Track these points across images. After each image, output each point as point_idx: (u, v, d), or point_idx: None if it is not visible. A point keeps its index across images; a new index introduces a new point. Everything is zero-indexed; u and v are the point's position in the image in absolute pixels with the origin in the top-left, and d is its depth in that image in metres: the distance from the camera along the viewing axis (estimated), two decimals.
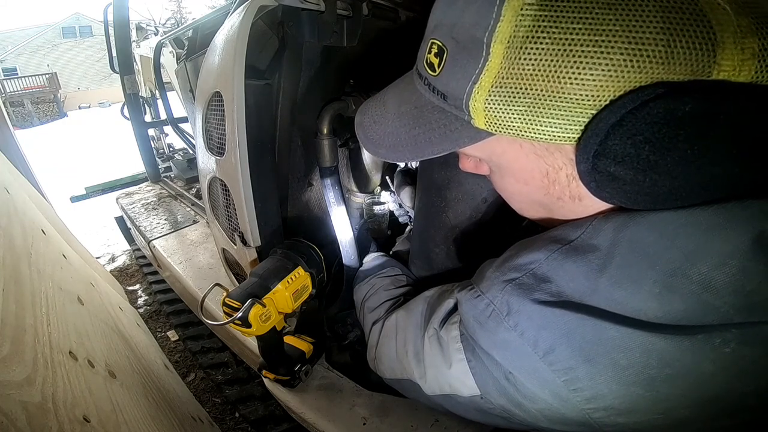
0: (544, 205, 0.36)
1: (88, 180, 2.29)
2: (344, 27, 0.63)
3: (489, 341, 0.34)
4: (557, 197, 0.34)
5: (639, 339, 0.27)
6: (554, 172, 0.32)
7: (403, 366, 0.47)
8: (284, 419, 1.01)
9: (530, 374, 0.31)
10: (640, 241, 0.28)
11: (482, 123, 0.30)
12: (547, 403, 0.31)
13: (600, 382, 0.28)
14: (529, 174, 0.33)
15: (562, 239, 0.32)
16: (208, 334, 1.37)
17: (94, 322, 0.74)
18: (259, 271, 0.61)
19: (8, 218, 0.67)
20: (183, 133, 1.96)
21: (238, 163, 0.63)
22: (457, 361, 0.38)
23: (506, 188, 0.38)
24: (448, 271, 0.62)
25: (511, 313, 0.32)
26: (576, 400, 0.29)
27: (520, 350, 0.31)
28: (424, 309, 0.47)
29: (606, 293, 0.28)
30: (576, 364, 0.29)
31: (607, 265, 0.28)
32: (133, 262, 2.06)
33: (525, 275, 0.32)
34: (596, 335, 0.28)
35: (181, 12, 17.41)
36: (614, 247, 0.29)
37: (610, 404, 0.28)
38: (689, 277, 0.25)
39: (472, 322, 0.35)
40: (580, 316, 0.28)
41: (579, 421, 0.30)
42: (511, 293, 0.32)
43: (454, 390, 0.39)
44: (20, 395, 0.38)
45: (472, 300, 0.36)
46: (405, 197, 0.76)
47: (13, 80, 14.32)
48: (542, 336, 0.30)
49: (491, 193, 0.54)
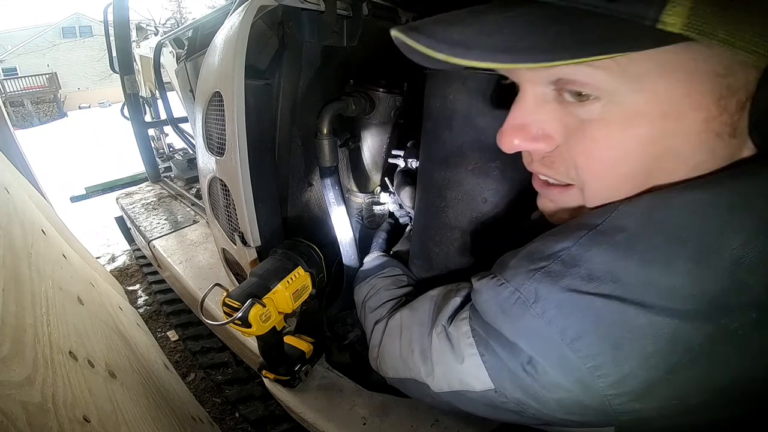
0: (657, 162, 0.30)
1: (88, 180, 2.29)
2: (344, 27, 0.63)
3: (513, 329, 0.33)
4: (714, 134, 0.28)
5: (668, 327, 0.27)
6: (729, 96, 0.27)
7: (408, 365, 0.47)
8: (284, 419, 1.01)
9: (555, 361, 0.31)
10: (668, 221, 0.28)
11: (679, 24, 0.23)
12: (568, 391, 0.31)
13: (625, 368, 0.28)
14: (695, 102, 0.27)
15: (589, 225, 0.32)
16: (208, 334, 1.37)
17: (94, 322, 0.74)
18: (259, 271, 0.61)
19: (8, 218, 0.67)
20: (183, 133, 1.96)
21: (238, 163, 0.63)
22: (470, 356, 0.38)
23: (617, 144, 0.30)
24: (448, 271, 0.62)
25: (538, 300, 0.31)
26: (600, 386, 0.29)
27: (546, 337, 0.31)
28: (430, 307, 0.47)
29: (636, 273, 0.28)
30: (603, 350, 0.29)
31: (636, 245, 0.28)
32: (133, 262, 2.06)
33: (553, 263, 0.32)
34: (625, 323, 0.28)
35: (181, 12, 17.41)
36: (643, 228, 0.28)
37: (632, 389, 0.28)
38: (721, 253, 0.26)
39: (495, 310, 0.35)
40: (610, 303, 0.28)
41: (598, 408, 0.30)
42: (539, 281, 0.32)
43: (465, 386, 0.39)
44: (20, 395, 0.38)
45: (495, 288, 0.35)
46: (405, 197, 0.76)
47: (13, 80, 14.32)
48: (570, 323, 0.30)
49: (491, 193, 0.54)
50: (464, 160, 0.53)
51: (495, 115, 0.49)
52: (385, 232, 0.80)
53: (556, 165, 0.35)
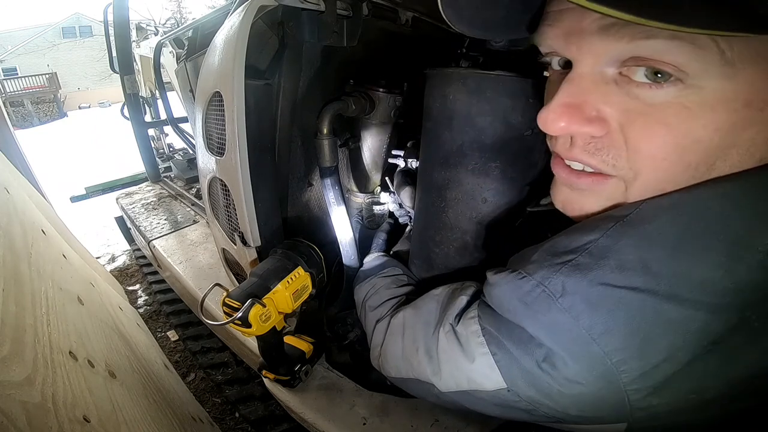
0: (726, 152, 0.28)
1: (88, 180, 2.29)
2: (344, 27, 0.63)
3: (534, 322, 0.32)
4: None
5: (699, 322, 0.26)
6: None
7: (411, 364, 0.47)
8: (284, 419, 1.01)
9: (579, 356, 0.30)
10: (700, 213, 0.27)
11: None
12: (588, 386, 0.30)
13: (651, 362, 0.28)
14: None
15: (616, 217, 0.31)
16: (208, 334, 1.37)
17: (94, 322, 0.74)
18: (259, 271, 0.61)
19: (8, 218, 0.67)
20: (183, 133, 1.96)
21: (238, 163, 0.63)
22: (481, 355, 0.37)
23: (691, 131, 0.28)
24: (448, 271, 0.62)
25: (565, 294, 0.30)
26: (622, 380, 0.29)
27: (571, 332, 0.30)
28: (435, 307, 0.47)
29: (668, 264, 0.27)
30: (631, 344, 0.28)
31: (666, 236, 0.28)
32: (133, 262, 2.06)
33: (581, 255, 0.31)
34: (657, 317, 0.27)
35: (181, 12, 17.40)
36: (673, 219, 0.28)
37: (653, 383, 0.28)
38: (754, 247, 0.25)
39: (515, 303, 0.34)
40: (642, 297, 0.28)
41: (614, 404, 0.30)
42: (567, 274, 0.31)
43: (474, 385, 0.38)
44: (20, 395, 0.37)
45: (516, 281, 0.34)
46: (405, 197, 0.76)
47: (13, 80, 14.30)
48: (599, 318, 0.29)
49: (491, 193, 0.54)
50: (464, 160, 0.53)
51: (495, 115, 0.49)
52: (385, 232, 0.80)
53: (604, 152, 0.32)
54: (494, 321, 0.37)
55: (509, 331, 0.35)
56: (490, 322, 0.37)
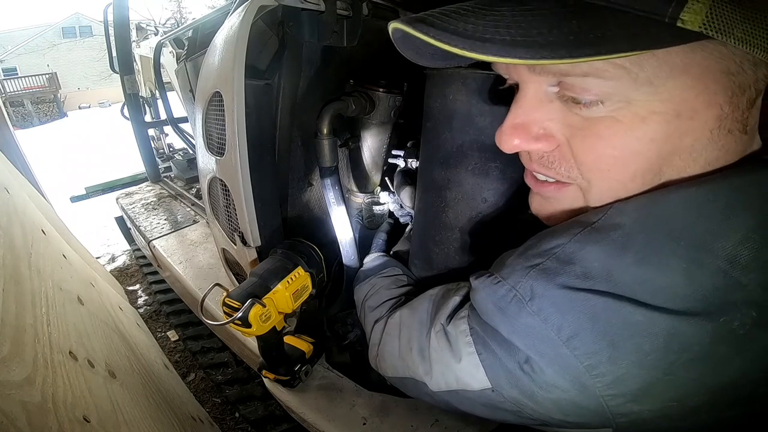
0: (668, 160, 0.30)
1: (88, 180, 2.29)
2: (344, 27, 0.63)
3: (509, 327, 0.33)
4: (726, 131, 0.28)
5: (664, 324, 0.26)
6: (740, 93, 0.27)
7: (407, 364, 0.47)
8: (284, 419, 1.01)
9: (551, 360, 0.30)
10: (663, 218, 0.28)
11: (698, 23, 0.23)
12: (565, 391, 0.31)
13: (622, 367, 0.28)
14: (708, 100, 0.27)
15: (584, 222, 0.32)
16: (208, 334, 1.37)
17: (94, 322, 0.74)
18: (259, 271, 0.61)
19: (8, 218, 0.67)
20: (183, 133, 1.96)
21: (238, 163, 0.63)
22: (467, 355, 0.37)
23: (627, 142, 0.29)
24: (448, 271, 0.62)
25: (534, 298, 0.31)
26: (596, 386, 0.29)
27: (542, 335, 0.30)
28: (429, 306, 0.47)
29: (631, 271, 0.28)
30: (600, 348, 0.28)
31: (631, 242, 0.28)
32: (133, 262, 2.06)
33: (548, 260, 0.32)
34: (622, 320, 0.28)
35: (181, 12, 17.40)
36: (638, 225, 0.28)
37: (629, 390, 0.28)
38: (714, 252, 0.26)
39: (491, 308, 0.35)
40: (606, 300, 0.28)
41: (594, 410, 0.30)
42: (535, 278, 0.32)
43: (462, 385, 0.39)
44: (20, 395, 0.37)
45: (492, 286, 0.35)
46: (405, 197, 0.76)
47: (13, 80, 14.31)
48: (566, 321, 0.29)
49: (491, 193, 0.54)
50: (464, 160, 0.53)
51: (495, 115, 0.49)
52: (385, 232, 0.80)
53: (556, 164, 0.34)
54: (481, 321, 0.37)
55: (493, 333, 0.35)
56: (478, 322, 0.38)
